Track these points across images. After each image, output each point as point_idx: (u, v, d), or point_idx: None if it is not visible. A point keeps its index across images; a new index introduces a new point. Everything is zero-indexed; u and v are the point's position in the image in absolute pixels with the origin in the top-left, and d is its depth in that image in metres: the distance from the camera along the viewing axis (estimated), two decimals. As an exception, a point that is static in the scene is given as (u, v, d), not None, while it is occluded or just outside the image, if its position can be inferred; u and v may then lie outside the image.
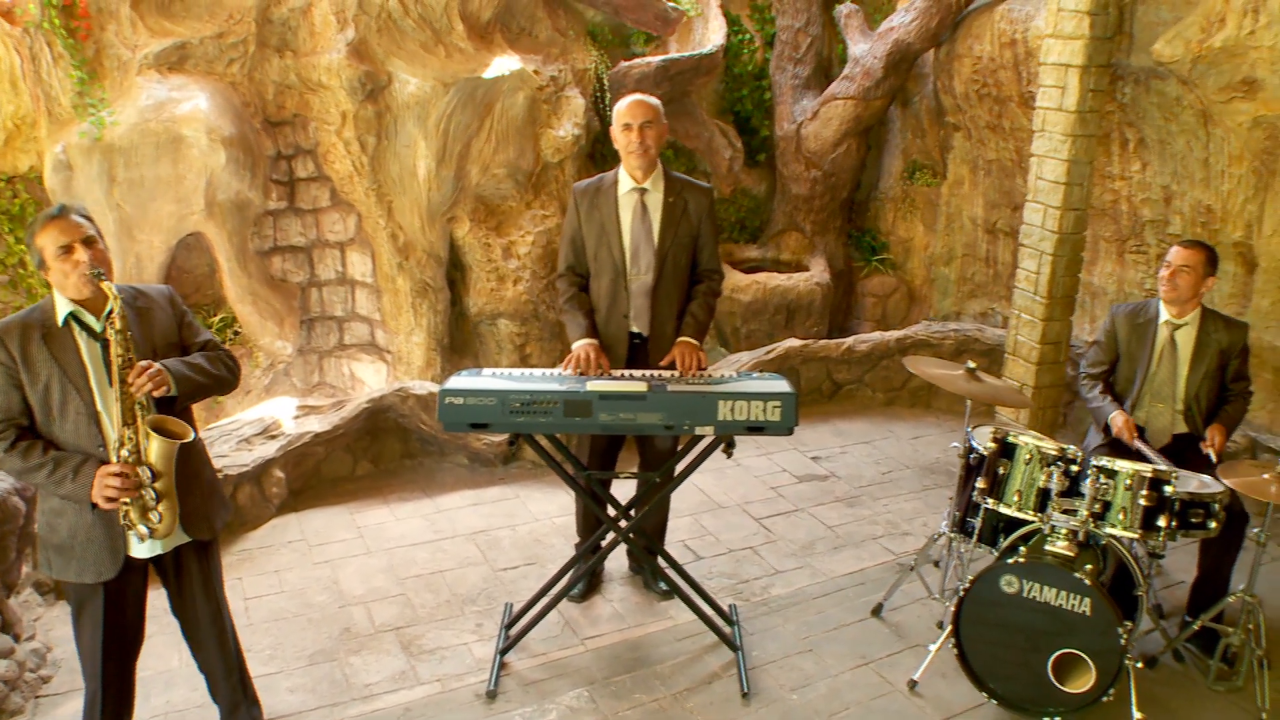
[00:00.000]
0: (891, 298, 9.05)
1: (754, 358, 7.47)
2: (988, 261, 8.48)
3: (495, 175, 7.45)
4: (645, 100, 4.59)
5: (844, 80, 8.41)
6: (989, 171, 8.21)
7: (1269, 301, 6.25)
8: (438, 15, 7.01)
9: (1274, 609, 5.37)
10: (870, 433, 7.46)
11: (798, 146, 8.68)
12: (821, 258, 8.80)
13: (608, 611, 5.06)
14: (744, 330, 8.42)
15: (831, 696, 4.44)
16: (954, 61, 7.93)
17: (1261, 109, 5.83)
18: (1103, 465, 4.24)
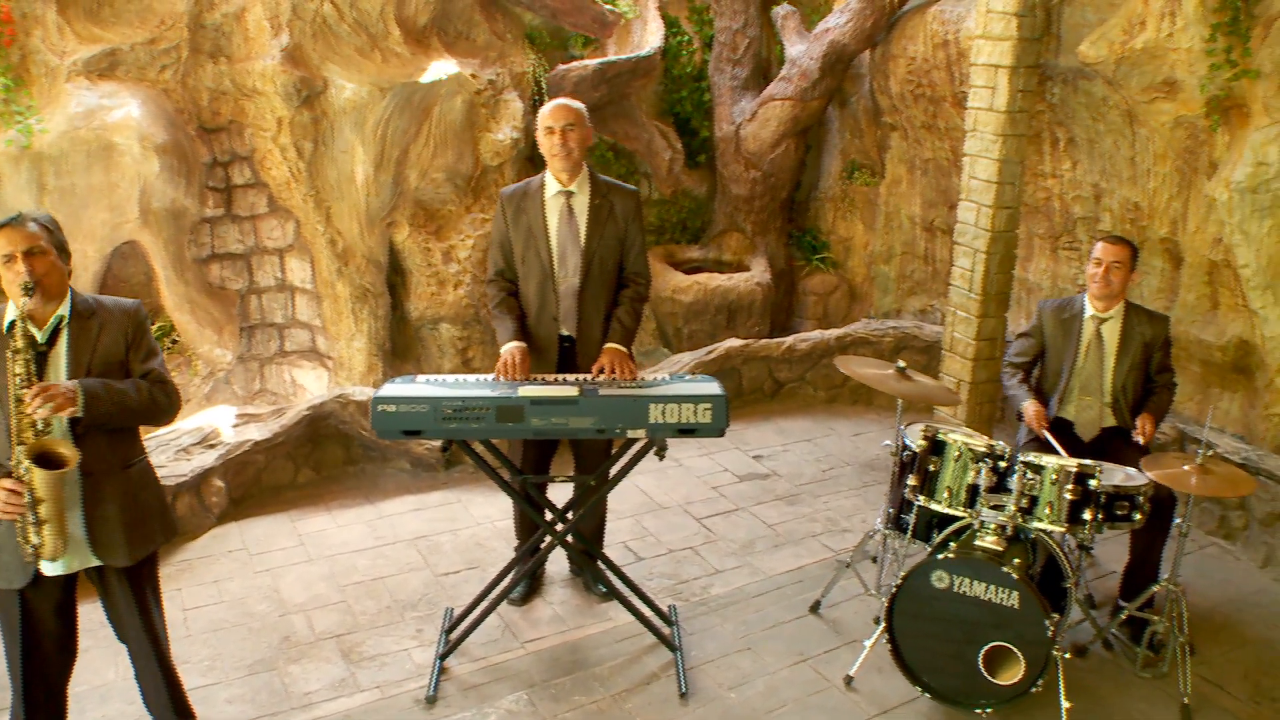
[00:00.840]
0: (833, 296, 9.14)
1: (695, 358, 7.52)
2: (926, 259, 8.58)
3: (434, 180, 7.45)
4: (567, 104, 4.63)
5: (781, 81, 8.48)
6: (926, 171, 8.31)
7: (1194, 296, 6.38)
8: (373, 20, 6.99)
9: (1202, 596, 5.51)
10: (812, 430, 7.54)
11: (737, 147, 8.74)
12: (762, 257, 8.86)
13: (548, 614, 5.08)
14: (686, 331, 8.47)
15: (769, 694, 4.50)
16: (889, 62, 8.02)
17: (1182, 109, 5.95)
18: (1029, 461, 4.33)
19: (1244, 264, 5.78)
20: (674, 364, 7.51)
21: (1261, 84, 5.48)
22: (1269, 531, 5.78)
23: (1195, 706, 4.52)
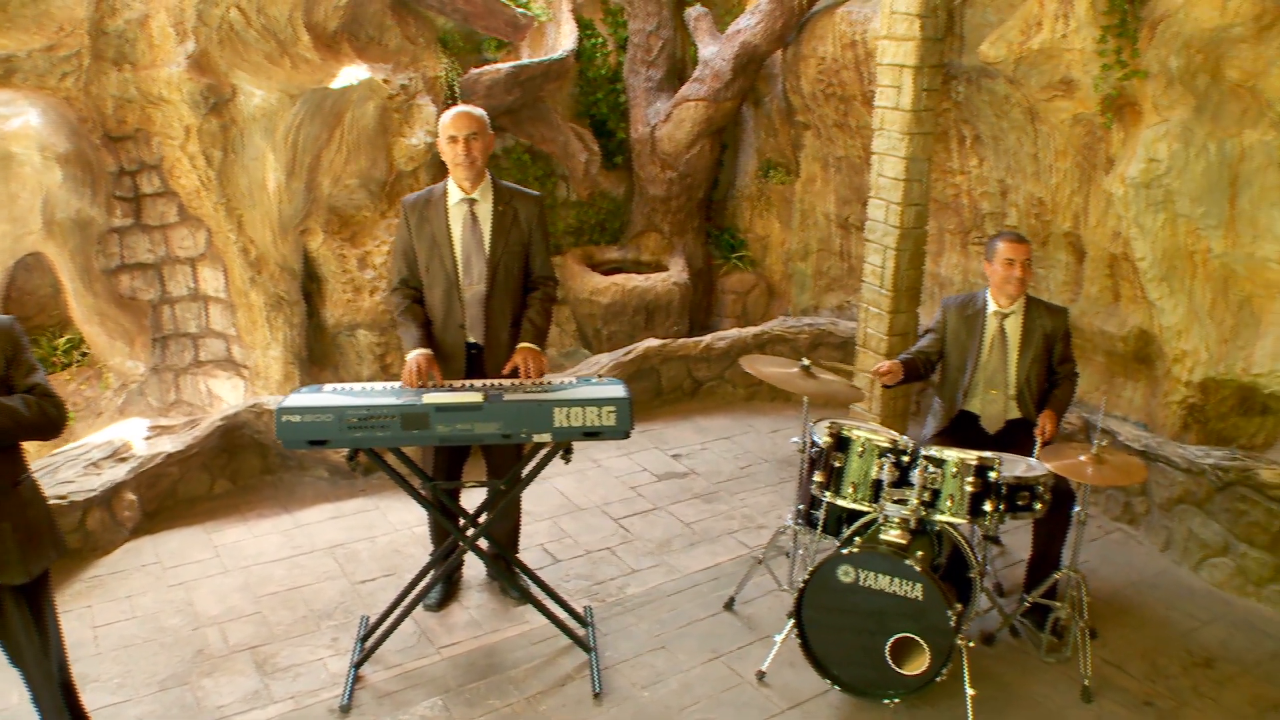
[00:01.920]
0: (751, 294, 9.22)
1: (613, 359, 7.56)
2: (842, 256, 8.70)
3: (348, 186, 7.41)
4: (470, 112, 4.65)
5: (695, 82, 8.54)
6: (839, 168, 8.43)
7: (1097, 288, 6.54)
8: (282, 26, 6.94)
9: (1105, 580, 5.66)
10: (731, 428, 7.61)
11: (653, 148, 8.79)
12: (680, 257, 8.93)
13: (464, 619, 5.10)
14: (605, 332, 8.51)
15: (682, 691, 4.55)
16: (800, 62, 8.12)
17: (1079, 107, 6.10)
18: (931, 455, 4.42)
19: (1141, 257, 5.94)
20: (593, 365, 7.55)
21: (1150, 83, 5.63)
22: (1169, 516, 5.95)
23: (1095, 688, 4.65)
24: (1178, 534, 5.91)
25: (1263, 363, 5.58)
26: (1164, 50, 5.49)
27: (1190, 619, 5.33)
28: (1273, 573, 5.46)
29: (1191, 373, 5.94)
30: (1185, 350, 5.94)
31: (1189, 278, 5.87)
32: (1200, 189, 5.58)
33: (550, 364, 8.65)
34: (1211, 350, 5.85)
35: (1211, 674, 4.86)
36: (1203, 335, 5.87)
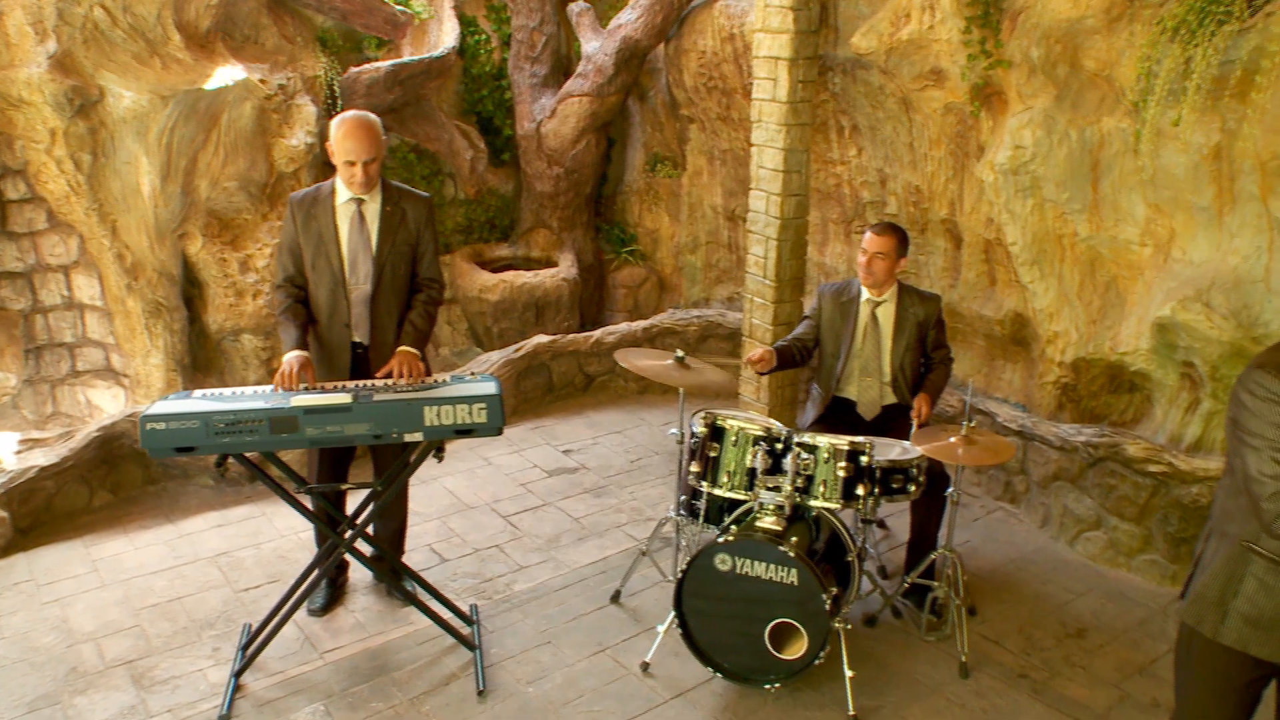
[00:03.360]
0: (642, 288, 9.25)
1: (504, 356, 7.54)
2: (730, 248, 8.77)
3: (227, 189, 7.26)
4: (369, 129, 4.55)
5: (578, 78, 8.53)
6: (724, 161, 8.49)
7: (974, 273, 6.69)
8: (150, 25, 6.77)
9: (986, 558, 5.80)
10: (623, 422, 7.64)
11: (539, 145, 8.77)
12: (570, 253, 8.92)
13: (349, 622, 5.05)
14: (496, 329, 8.47)
15: (567, 686, 4.56)
16: (682, 56, 8.16)
17: (949, 96, 6.22)
18: (804, 441, 4.49)
19: (1013, 241, 6.08)
20: (483, 363, 7.52)
21: (1014, 73, 5.77)
22: (1046, 493, 6.11)
23: (972, 663, 4.77)
24: (1054, 510, 6.07)
25: (1128, 341, 5.75)
26: (1025, 40, 5.62)
27: (1065, 592, 5.49)
28: (1141, 544, 5.64)
29: (1063, 353, 6.10)
30: (1057, 331, 6.10)
31: (1058, 261, 6.03)
32: (1064, 174, 5.73)
33: (442, 363, 8.65)
34: (1081, 331, 6.02)
35: (1083, 644, 5.01)
36: (1073, 316, 6.04)
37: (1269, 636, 2.94)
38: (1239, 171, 5.08)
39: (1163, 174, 5.38)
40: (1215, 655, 3.08)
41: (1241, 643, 2.99)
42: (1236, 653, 3.01)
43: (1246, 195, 5.11)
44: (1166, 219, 5.54)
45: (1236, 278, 5.26)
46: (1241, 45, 4.74)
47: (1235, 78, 4.80)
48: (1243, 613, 2.97)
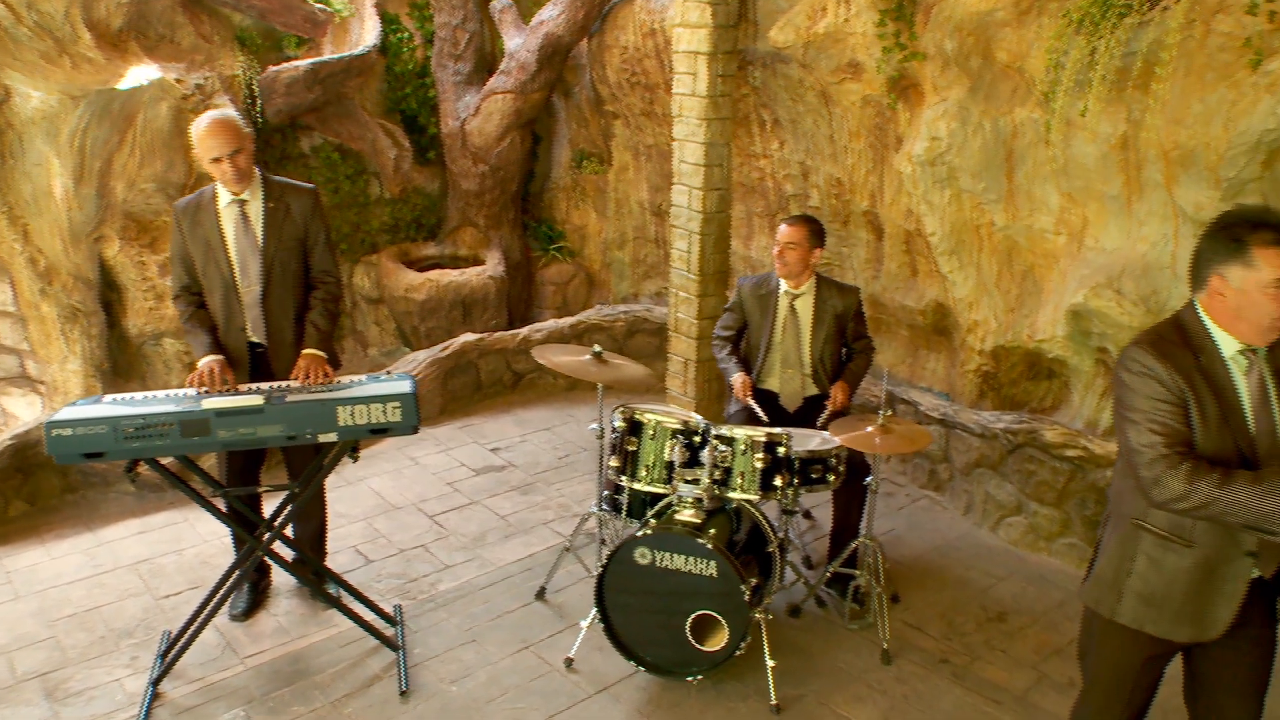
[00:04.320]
0: (571, 285, 9.24)
1: (430, 356, 7.50)
2: (658, 243, 8.78)
3: (144, 190, 7.16)
4: (227, 125, 4.50)
5: (501, 75, 8.51)
6: (649, 156, 8.50)
7: (896, 264, 6.75)
8: (58, 24, 6.63)
9: (911, 546, 5.87)
10: (551, 419, 7.62)
11: (463, 142, 8.72)
12: (497, 251, 8.89)
13: (271, 626, 4.99)
14: (423, 329, 8.42)
15: (490, 684, 4.54)
16: (604, 52, 8.16)
17: (867, 89, 6.28)
18: (721, 434, 4.50)
19: (931, 232, 6.14)
20: (409, 362, 7.47)
21: (929, 65, 5.83)
22: (968, 480, 6.19)
23: (895, 650, 4.82)
24: (976, 497, 6.15)
25: (1045, 329, 5.83)
26: (939, 33, 5.68)
27: (987, 577, 5.56)
28: (1060, 528, 5.73)
29: (983, 341, 6.18)
30: (977, 320, 6.18)
31: (976, 251, 6.10)
32: (979, 165, 5.80)
33: (371, 363, 8.59)
34: (1000, 319, 6.10)
35: (1003, 627, 5.08)
36: (991, 305, 6.11)
37: (1161, 613, 3.02)
38: (1145, 161, 5.18)
39: (1074, 164, 5.46)
40: (1114, 635, 3.16)
41: (1137, 621, 3.06)
42: (1133, 631, 3.08)
43: (1152, 184, 5.21)
44: (1079, 208, 5.63)
45: (1145, 264, 5.36)
46: (1142, 37, 4.82)
47: (1137, 69, 4.89)
48: (1136, 591, 3.05)
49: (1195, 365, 2.85)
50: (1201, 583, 2.95)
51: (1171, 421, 2.83)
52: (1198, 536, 2.93)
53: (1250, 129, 4.65)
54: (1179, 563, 2.97)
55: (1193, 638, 3.01)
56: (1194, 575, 2.96)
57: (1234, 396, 2.84)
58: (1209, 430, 2.82)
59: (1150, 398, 2.85)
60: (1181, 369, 2.84)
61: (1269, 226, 2.72)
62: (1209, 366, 2.84)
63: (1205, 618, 2.97)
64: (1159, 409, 2.84)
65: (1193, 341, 2.88)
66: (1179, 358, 2.85)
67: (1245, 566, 2.91)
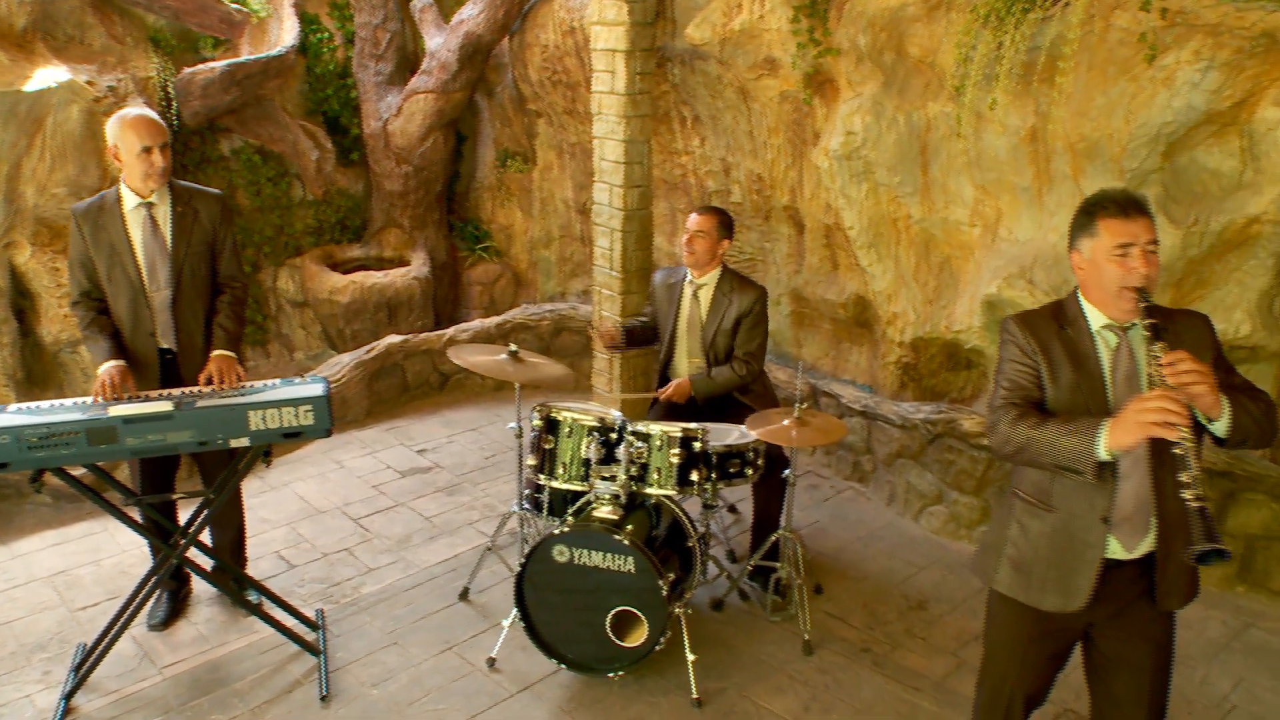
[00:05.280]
0: (498, 284, 9.21)
1: (355, 358, 7.45)
2: (584, 241, 8.78)
3: (56, 195, 7.01)
4: (156, 118, 4.51)
5: (423, 75, 8.46)
6: (573, 155, 8.50)
7: (817, 258, 6.81)
8: (-43, 25, 6.51)
9: (835, 537, 5.93)
10: (479, 419, 7.60)
11: (386, 143, 8.66)
12: (422, 251, 8.84)
13: (191, 635, 4.93)
14: (348, 331, 8.35)
15: (412, 685, 4.53)
16: (525, 51, 8.14)
17: (784, 85, 6.33)
18: (637, 430, 4.52)
19: (850, 226, 6.21)
20: (334, 365, 7.41)
21: (843, 60, 5.89)
22: (890, 471, 6.26)
23: (816, 640, 4.86)
24: (899, 487, 6.22)
25: (962, 320, 5.91)
26: (852, 29, 5.74)
27: (909, 566, 5.63)
28: (980, 515, 5.81)
29: (903, 333, 6.25)
30: (896, 312, 6.26)
31: (894, 244, 6.18)
32: (894, 159, 5.87)
33: (297, 367, 8.50)
34: (918, 311, 6.18)
35: (924, 615, 5.15)
36: (910, 297, 6.19)
37: (1029, 581, 3.11)
38: (1053, 153, 5.27)
39: (986, 156, 5.55)
40: (999, 606, 3.27)
41: (1011, 589, 3.16)
42: (1015, 604, 3.16)
43: (1061, 175, 5.31)
44: (993, 200, 5.71)
45: (1056, 254, 5.45)
46: (1046, 32, 4.91)
47: (1042, 63, 4.97)
48: (1010, 558, 3.16)
49: (1057, 334, 3.02)
50: (1063, 549, 3.04)
51: (1019, 379, 3.05)
52: (1056, 501, 3.04)
53: (1150, 121, 4.75)
54: (1041, 528, 3.08)
55: (1057, 607, 3.07)
56: (1055, 541, 3.05)
57: (1095, 368, 2.96)
58: (1060, 394, 2.97)
59: (1009, 360, 3.08)
60: (1039, 336, 3.03)
61: (1113, 201, 2.91)
62: (1074, 338, 2.99)
63: (1068, 586, 3.05)
64: (1012, 368, 3.07)
65: (1064, 316, 3.05)
66: (1041, 327, 3.05)
67: (1100, 534, 2.98)
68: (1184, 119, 4.70)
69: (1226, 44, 4.48)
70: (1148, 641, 3.12)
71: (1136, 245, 2.84)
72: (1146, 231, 2.86)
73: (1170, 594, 3.03)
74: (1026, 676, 3.26)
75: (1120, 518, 2.97)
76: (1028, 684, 3.28)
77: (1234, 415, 2.74)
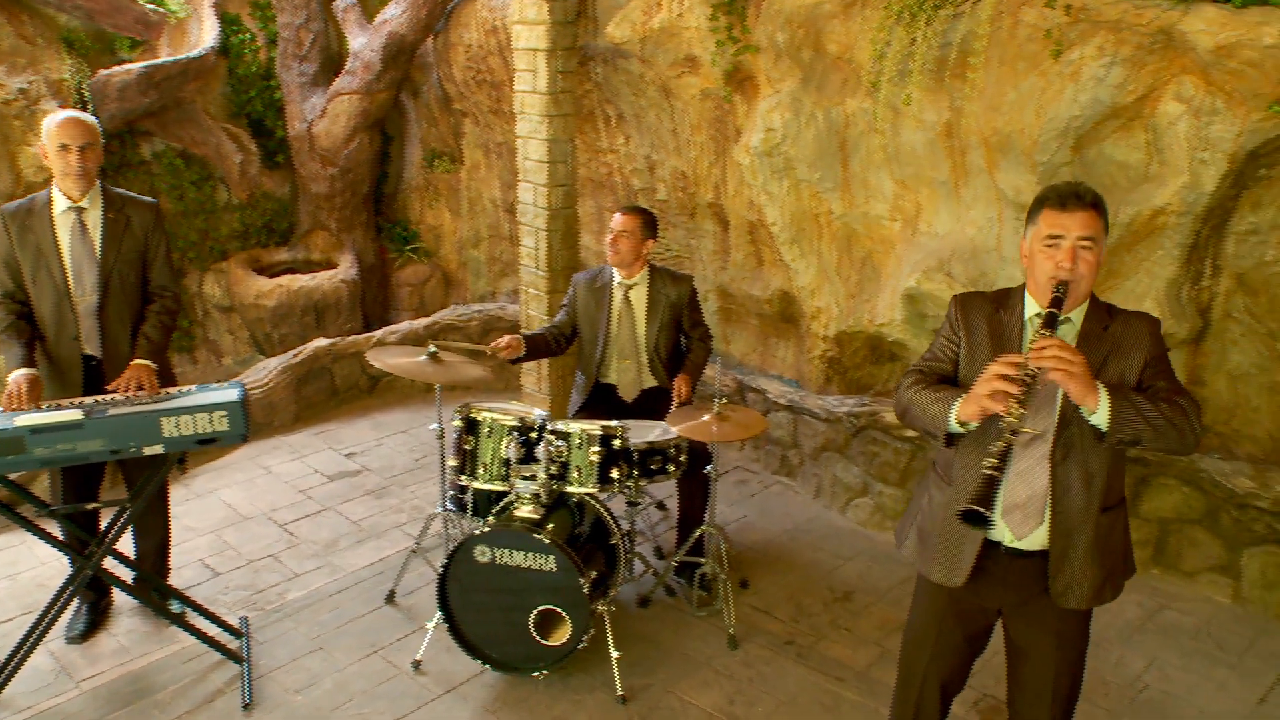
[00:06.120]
0: (427, 285, 9.17)
1: (282, 363, 7.38)
2: (512, 241, 8.76)
3: (-34, 199, 6.90)
4: (82, 119, 4.46)
5: (347, 75, 8.40)
6: (500, 154, 8.47)
7: (742, 254, 6.85)
8: None
9: (763, 531, 5.98)
10: (409, 421, 7.56)
11: (311, 145, 8.59)
12: (349, 254, 8.77)
13: (111, 647, 4.86)
14: (276, 335, 8.28)
15: (337, 690, 4.50)
16: (449, 50, 8.11)
17: (705, 82, 6.36)
18: (557, 429, 4.53)
19: (773, 222, 6.25)
20: (261, 369, 7.34)
21: (762, 58, 5.94)
22: (817, 464, 6.32)
23: (742, 634, 4.90)
24: (825, 480, 6.28)
25: (884, 313, 5.97)
26: (770, 26, 5.78)
27: (835, 558, 5.69)
28: (905, 506, 5.86)
29: (826, 328, 6.31)
30: (819, 307, 6.31)
31: (816, 239, 6.23)
32: (814, 155, 5.92)
33: (225, 373, 8.41)
34: (841, 305, 6.23)
35: (849, 606, 5.21)
36: (833, 292, 6.25)
37: (928, 551, 3.20)
38: (968, 147, 5.34)
39: (904, 151, 5.61)
40: (920, 584, 3.36)
41: (913, 556, 3.28)
42: (928, 583, 3.25)
43: (976, 169, 5.38)
44: (912, 194, 5.78)
45: (974, 247, 5.54)
46: (957, 29, 4.99)
47: (954, 59, 5.05)
48: (919, 527, 3.26)
49: (989, 316, 3.08)
50: (954, 523, 3.04)
51: (937, 351, 3.17)
52: (955, 475, 3.11)
53: (1059, 115, 4.84)
54: (941, 499, 3.15)
55: (943, 579, 3.15)
56: (948, 514, 3.10)
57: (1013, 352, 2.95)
58: (972, 373, 3.00)
59: (939, 333, 3.21)
60: (970, 316, 3.11)
61: (1057, 192, 2.93)
62: (1005, 322, 3.04)
63: (953, 561, 3.12)
64: (937, 341, 3.20)
65: (1005, 301, 3.11)
66: (977, 307, 3.12)
67: None
68: (1091, 113, 4.79)
69: (1127, 40, 4.58)
70: (1051, 634, 3.16)
71: (1067, 239, 2.86)
72: (1081, 227, 2.86)
73: (1068, 591, 3.04)
74: (940, 657, 3.32)
75: (1010, 504, 3.02)
76: (941, 666, 3.33)
77: (1115, 412, 2.74)
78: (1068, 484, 2.97)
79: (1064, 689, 3.23)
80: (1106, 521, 3.03)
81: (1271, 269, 4.91)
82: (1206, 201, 4.72)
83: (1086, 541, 3.01)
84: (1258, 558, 5.11)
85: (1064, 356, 2.68)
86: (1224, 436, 5.36)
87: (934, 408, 2.94)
